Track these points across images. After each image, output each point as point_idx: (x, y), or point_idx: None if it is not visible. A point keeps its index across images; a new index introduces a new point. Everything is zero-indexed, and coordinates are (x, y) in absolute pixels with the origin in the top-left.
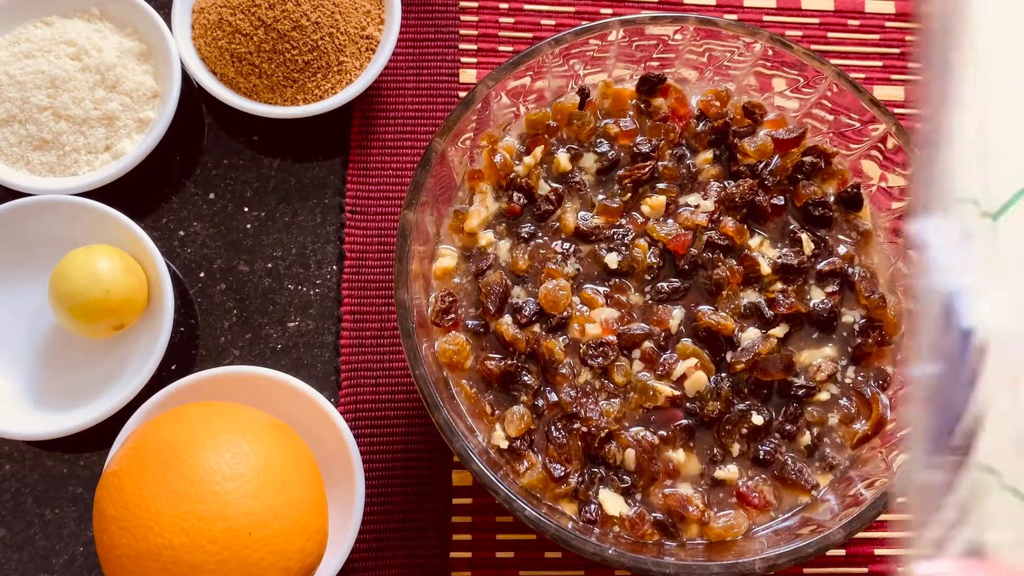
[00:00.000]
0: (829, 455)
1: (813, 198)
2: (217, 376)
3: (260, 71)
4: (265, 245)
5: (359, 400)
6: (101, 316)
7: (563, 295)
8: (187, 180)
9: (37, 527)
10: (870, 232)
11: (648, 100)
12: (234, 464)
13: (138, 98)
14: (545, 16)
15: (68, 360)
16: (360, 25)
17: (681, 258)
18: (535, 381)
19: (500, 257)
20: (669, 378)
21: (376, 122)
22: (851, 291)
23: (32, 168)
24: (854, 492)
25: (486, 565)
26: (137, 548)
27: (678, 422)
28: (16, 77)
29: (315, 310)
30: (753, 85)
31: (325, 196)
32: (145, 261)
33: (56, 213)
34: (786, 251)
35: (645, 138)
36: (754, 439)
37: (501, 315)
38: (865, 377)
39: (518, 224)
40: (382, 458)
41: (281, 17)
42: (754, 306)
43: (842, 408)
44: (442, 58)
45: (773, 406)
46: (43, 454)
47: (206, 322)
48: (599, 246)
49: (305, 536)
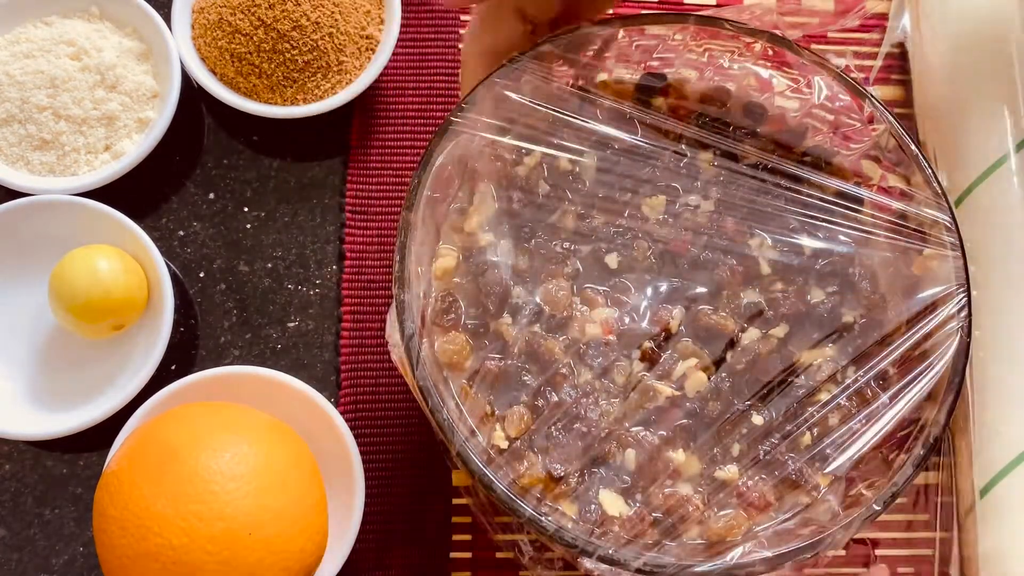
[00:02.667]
0: (830, 455)
1: (814, 198)
2: (217, 376)
3: (260, 71)
4: (265, 245)
5: (359, 400)
6: (101, 316)
7: (563, 295)
8: (187, 180)
9: (37, 527)
10: (871, 232)
11: (648, 100)
12: (234, 464)
13: (138, 98)
14: None
15: (68, 360)
16: (360, 25)
17: (681, 258)
18: (535, 381)
19: (500, 257)
20: (669, 378)
21: (376, 122)
22: (852, 291)
23: (32, 168)
24: (855, 493)
25: (486, 565)
26: (137, 548)
27: (678, 422)
28: (16, 77)
29: (315, 310)
30: (753, 85)
31: (325, 196)
32: (145, 261)
33: (56, 213)
34: (786, 251)
35: (645, 138)
36: (754, 439)
37: (501, 315)
38: (865, 378)
39: (518, 224)
40: (382, 458)
41: (281, 17)
42: (754, 306)
43: (843, 408)
44: (442, 58)
45: (773, 406)
46: (43, 454)
47: (206, 322)
48: (599, 246)
49: (305, 536)
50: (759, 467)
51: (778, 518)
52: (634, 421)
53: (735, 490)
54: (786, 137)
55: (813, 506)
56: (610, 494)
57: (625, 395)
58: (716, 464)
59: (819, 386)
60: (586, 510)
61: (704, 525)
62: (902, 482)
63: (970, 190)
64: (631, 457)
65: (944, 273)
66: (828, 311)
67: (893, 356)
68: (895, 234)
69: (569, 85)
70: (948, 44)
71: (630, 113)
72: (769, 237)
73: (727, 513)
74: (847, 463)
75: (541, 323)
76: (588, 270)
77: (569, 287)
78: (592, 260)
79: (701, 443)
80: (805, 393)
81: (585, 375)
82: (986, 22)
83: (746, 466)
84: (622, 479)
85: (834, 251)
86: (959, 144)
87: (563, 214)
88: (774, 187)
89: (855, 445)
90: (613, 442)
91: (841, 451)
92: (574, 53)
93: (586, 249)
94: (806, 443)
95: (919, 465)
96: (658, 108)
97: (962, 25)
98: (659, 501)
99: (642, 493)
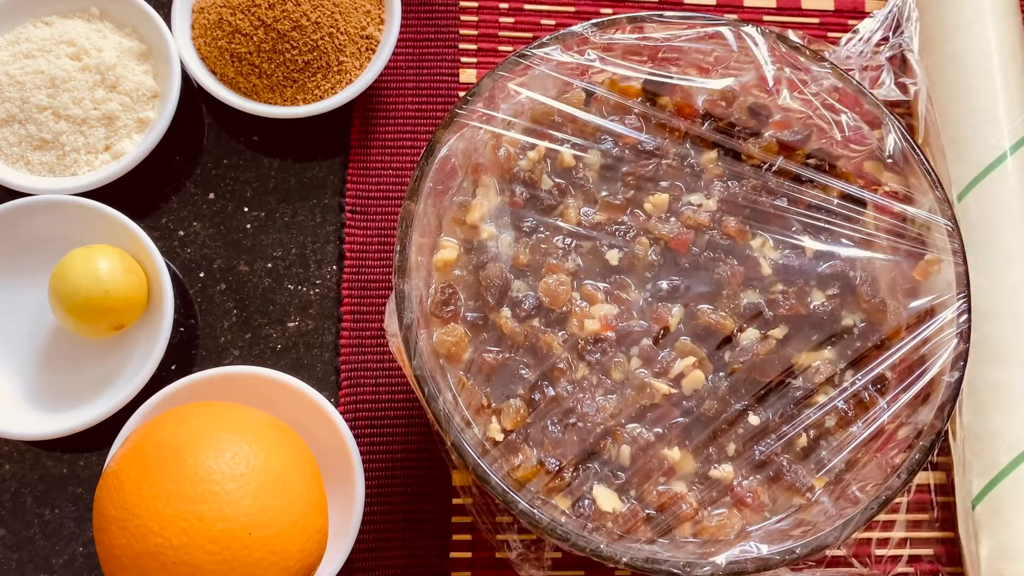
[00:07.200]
0: (825, 458)
1: (816, 200)
2: (217, 376)
3: (260, 71)
4: (265, 245)
5: (359, 400)
6: (101, 316)
7: (563, 290)
8: (187, 180)
9: (37, 527)
10: (873, 235)
11: (654, 98)
12: (234, 464)
13: (138, 98)
14: (545, 16)
15: (68, 360)
16: (360, 25)
17: (682, 257)
18: (532, 375)
19: (501, 250)
20: (667, 376)
21: (376, 122)
22: (852, 294)
23: (32, 168)
24: (849, 495)
25: (486, 565)
26: (137, 548)
27: (674, 420)
28: (16, 77)
29: (315, 310)
30: (758, 86)
31: (325, 196)
32: (145, 261)
33: (56, 213)
34: (788, 252)
35: (650, 136)
36: (750, 440)
37: (500, 308)
38: (863, 381)
39: (520, 218)
40: (382, 458)
41: (281, 17)
42: (754, 306)
43: (839, 411)
44: (442, 58)
45: (770, 407)
46: (43, 454)
47: (206, 322)
48: (600, 242)
49: (305, 536)
50: (754, 467)
51: (772, 519)
52: (630, 418)
53: (729, 490)
54: (790, 138)
55: (807, 507)
56: (604, 489)
57: (622, 392)
58: (711, 463)
59: (817, 388)
60: (580, 505)
61: (697, 523)
62: (897, 485)
63: (968, 190)
64: (626, 453)
65: (944, 278)
66: (828, 313)
67: (891, 360)
68: (897, 238)
69: (575, 81)
70: (947, 46)
71: (636, 110)
72: (771, 238)
73: (721, 512)
74: (842, 465)
75: (540, 317)
76: (589, 266)
77: (569, 282)
78: (593, 256)
79: (696, 442)
80: (802, 395)
81: (582, 370)
82: (983, 24)
83: (741, 466)
84: (616, 475)
85: (836, 254)
86: (956, 144)
87: (565, 209)
88: (777, 188)
89: (851, 447)
90: (608, 438)
91: (837, 453)
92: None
93: (587, 245)
94: (802, 444)
95: (914, 470)
96: (664, 107)
97: (961, 26)
98: (653, 498)
99: (636, 489)
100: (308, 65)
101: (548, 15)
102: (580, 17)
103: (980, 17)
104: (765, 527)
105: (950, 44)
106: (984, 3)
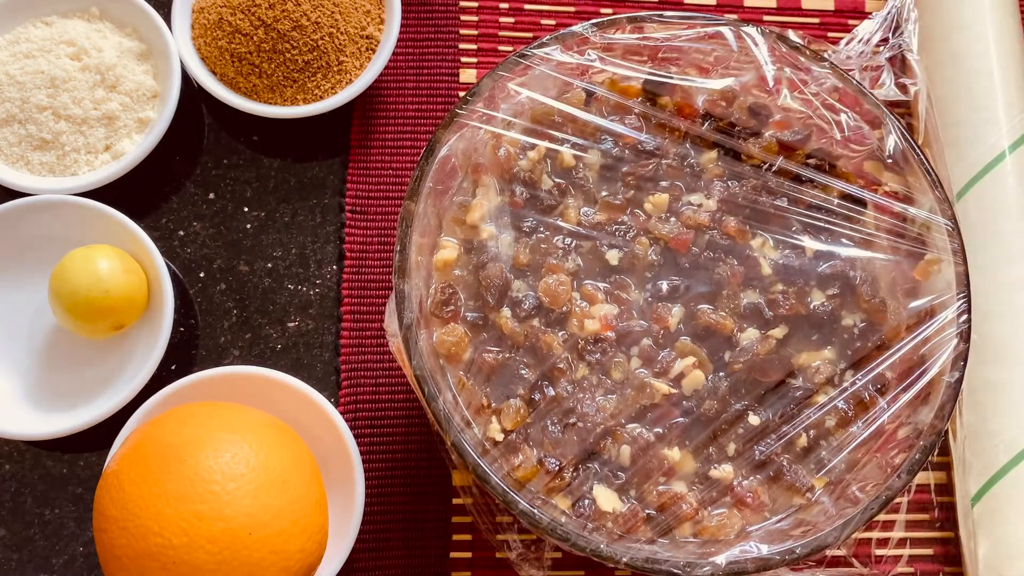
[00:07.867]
0: (825, 458)
1: (816, 200)
2: (217, 376)
3: (260, 71)
4: (265, 245)
5: (359, 400)
6: (101, 316)
7: (563, 290)
8: (187, 180)
9: (37, 527)
10: (873, 235)
11: (654, 98)
12: (234, 464)
13: (138, 98)
14: (545, 16)
15: (68, 360)
16: (360, 25)
17: (682, 257)
18: (532, 375)
19: (501, 250)
20: (667, 376)
21: (376, 122)
22: (852, 294)
23: (32, 168)
24: (849, 495)
25: (486, 565)
26: (137, 548)
27: (674, 420)
28: (16, 77)
29: (315, 310)
30: (758, 86)
31: (325, 196)
32: (145, 261)
33: (56, 213)
34: (788, 252)
35: (650, 136)
36: (750, 440)
37: (500, 308)
38: (863, 381)
39: (520, 218)
40: (382, 458)
41: (281, 17)
42: (754, 306)
43: (839, 411)
44: (442, 58)
45: (770, 407)
46: (43, 454)
47: (206, 322)
48: (600, 242)
49: (305, 536)
50: (754, 467)
51: (772, 519)
52: (630, 418)
53: (729, 490)
54: (790, 138)
55: (807, 507)
56: (604, 489)
57: (622, 392)
58: (711, 463)
59: (817, 388)
60: (580, 505)
61: (697, 523)
62: (897, 486)
63: (967, 189)
64: (626, 453)
65: (944, 278)
66: (828, 314)
67: (891, 360)
68: (897, 237)
69: (575, 81)
70: (947, 45)
71: (636, 110)
72: (771, 238)
73: (721, 512)
74: (842, 465)
75: (540, 317)
76: (589, 266)
77: (569, 282)
78: (593, 256)
79: (696, 442)
80: (802, 395)
81: (582, 370)
82: (982, 23)
83: (741, 466)
84: (616, 475)
85: (836, 254)
86: (956, 144)
87: (565, 209)
88: (777, 188)
89: (851, 447)
90: (608, 438)
91: (837, 453)
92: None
93: (587, 245)
94: (802, 444)
95: (914, 470)
96: (664, 107)
97: (960, 26)
98: (653, 498)
99: (636, 489)
100: (308, 65)
101: (548, 15)
102: (580, 17)
103: (979, 17)
104: (765, 527)
105: (949, 44)
106: (983, 3)
